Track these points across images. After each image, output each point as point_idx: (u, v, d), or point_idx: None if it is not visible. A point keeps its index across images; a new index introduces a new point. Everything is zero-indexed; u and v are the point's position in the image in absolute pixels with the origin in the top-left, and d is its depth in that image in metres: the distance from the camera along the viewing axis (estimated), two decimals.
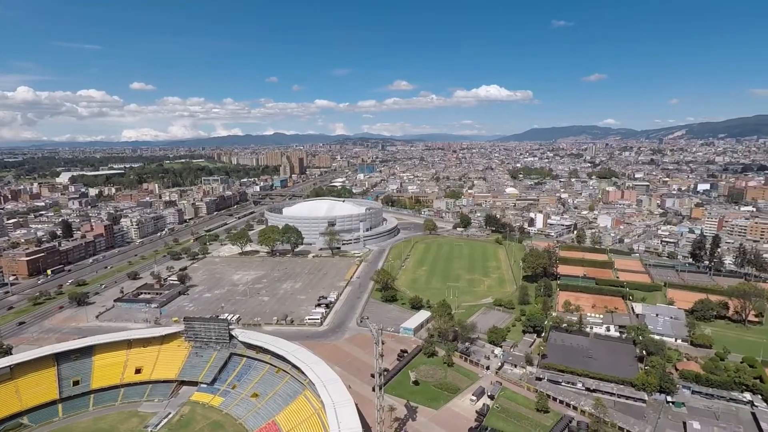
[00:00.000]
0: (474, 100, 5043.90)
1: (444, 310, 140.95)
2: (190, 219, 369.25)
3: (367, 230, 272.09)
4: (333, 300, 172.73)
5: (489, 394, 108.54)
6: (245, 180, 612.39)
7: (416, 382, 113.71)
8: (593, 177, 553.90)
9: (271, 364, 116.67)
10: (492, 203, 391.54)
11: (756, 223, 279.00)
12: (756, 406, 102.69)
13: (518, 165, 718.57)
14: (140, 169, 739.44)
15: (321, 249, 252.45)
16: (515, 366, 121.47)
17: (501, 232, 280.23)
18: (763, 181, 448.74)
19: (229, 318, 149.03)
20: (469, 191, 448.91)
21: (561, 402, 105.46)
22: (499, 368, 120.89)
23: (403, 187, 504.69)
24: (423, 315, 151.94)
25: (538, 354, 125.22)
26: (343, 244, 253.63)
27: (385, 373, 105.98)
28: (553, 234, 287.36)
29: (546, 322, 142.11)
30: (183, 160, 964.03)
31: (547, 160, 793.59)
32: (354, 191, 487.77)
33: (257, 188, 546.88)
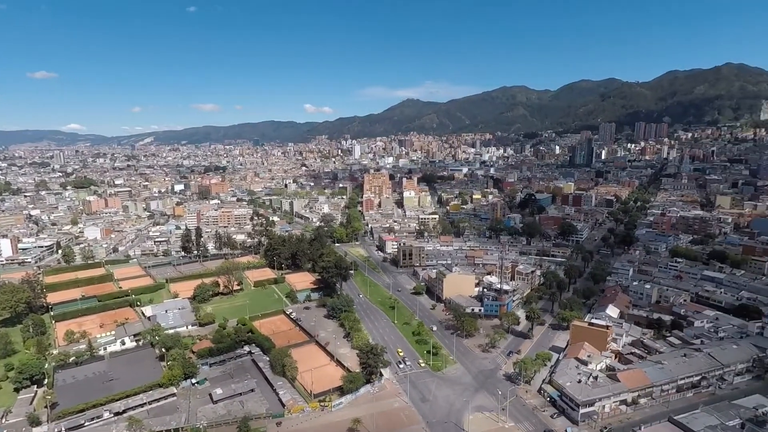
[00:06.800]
0: None
1: None
2: None
3: None
4: None
5: None
6: None
7: None
8: (69, 188, 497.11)
9: None
10: None
11: (222, 212, 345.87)
12: (252, 353, 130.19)
13: None
14: None
15: None
16: None
17: None
18: (221, 179, 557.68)
19: None
20: None
21: None
22: None
23: None
24: None
25: (46, 407, 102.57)
26: None
27: None
28: (30, 260, 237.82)
29: (47, 366, 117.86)
30: None
31: (0, 172, 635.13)
32: None
33: None
